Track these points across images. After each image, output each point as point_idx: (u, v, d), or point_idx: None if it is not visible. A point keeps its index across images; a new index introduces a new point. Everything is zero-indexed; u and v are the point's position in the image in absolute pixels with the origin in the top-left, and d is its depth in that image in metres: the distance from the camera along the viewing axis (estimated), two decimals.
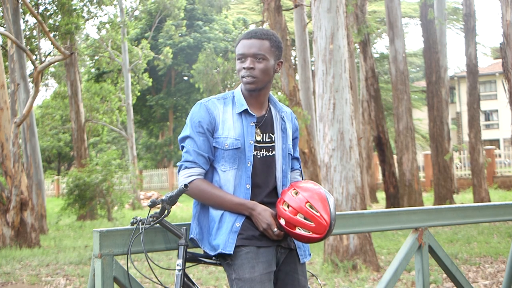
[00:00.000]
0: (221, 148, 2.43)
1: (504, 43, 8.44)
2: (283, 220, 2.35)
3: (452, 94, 39.13)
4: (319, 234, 2.32)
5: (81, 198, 15.78)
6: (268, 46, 2.46)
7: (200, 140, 2.43)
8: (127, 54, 23.61)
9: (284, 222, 2.34)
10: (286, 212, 2.34)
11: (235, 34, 33.09)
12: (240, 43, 2.48)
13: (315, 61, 7.19)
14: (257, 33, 2.47)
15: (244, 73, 2.44)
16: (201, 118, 2.44)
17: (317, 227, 2.31)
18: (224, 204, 2.38)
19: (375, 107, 15.33)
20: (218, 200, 2.38)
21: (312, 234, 2.32)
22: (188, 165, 2.43)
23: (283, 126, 2.57)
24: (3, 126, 10.25)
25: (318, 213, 2.31)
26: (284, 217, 2.34)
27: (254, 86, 2.45)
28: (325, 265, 6.85)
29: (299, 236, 2.34)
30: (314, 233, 2.32)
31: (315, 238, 2.34)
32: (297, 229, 2.33)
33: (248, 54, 2.44)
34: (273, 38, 2.48)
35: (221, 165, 2.44)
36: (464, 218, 3.53)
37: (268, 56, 2.45)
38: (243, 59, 2.46)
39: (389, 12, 14.48)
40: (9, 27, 11.64)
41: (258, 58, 2.44)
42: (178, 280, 2.36)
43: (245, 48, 2.45)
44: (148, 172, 33.71)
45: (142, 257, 7.65)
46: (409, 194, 13.96)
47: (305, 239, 2.35)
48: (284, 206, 2.35)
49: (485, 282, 6.02)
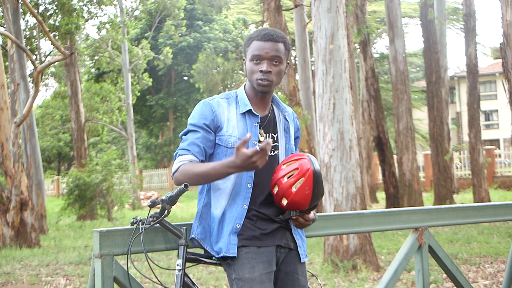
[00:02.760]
0: (225, 146, 2.42)
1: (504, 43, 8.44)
2: (276, 188, 2.38)
3: (452, 94, 39.14)
4: (306, 176, 2.34)
5: (81, 198, 15.78)
6: (283, 49, 2.46)
7: (199, 134, 2.41)
8: (127, 54, 23.62)
9: (277, 190, 2.38)
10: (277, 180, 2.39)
11: (235, 34, 33.10)
12: (256, 44, 2.45)
13: (315, 61, 7.19)
14: (273, 36, 2.44)
15: (261, 76, 2.42)
16: (204, 116, 2.43)
17: (300, 169, 2.35)
18: (209, 175, 2.32)
19: (375, 107, 15.33)
20: (203, 173, 2.32)
21: (302, 183, 2.34)
22: (181, 152, 2.41)
23: (286, 126, 2.57)
24: (3, 126, 10.25)
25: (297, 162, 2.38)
26: (278, 186, 2.38)
27: (268, 89, 2.46)
28: (325, 265, 6.85)
29: (296, 195, 2.34)
30: (302, 177, 2.34)
31: (307, 185, 2.34)
32: (292, 188, 2.34)
33: (265, 57, 2.42)
34: (286, 41, 2.49)
35: None
36: (464, 218, 3.53)
37: (283, 59, 2.46)
38: (258, 61, 2.44)
39: (389, 12, 14.48)
40: (9, 27, 11.64)
41: (275, 61, 2.43)
42: (178, 280, 2.36)
43: (262, 50, 2.43)
44: (148, 172, 33.71)
45: (142, 257, 7.65)
46: (409, 194, 13.96)
47: (301, 193, 2.34)
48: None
49: (485, 282, 6.02)
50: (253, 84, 2.46)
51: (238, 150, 2.20)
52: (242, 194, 2.41)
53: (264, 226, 2.42)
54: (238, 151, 2.20)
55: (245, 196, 2.41)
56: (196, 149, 2.40)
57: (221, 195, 2.43)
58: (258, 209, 2.43)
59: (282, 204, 2.39)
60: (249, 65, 2.46)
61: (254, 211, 2.42)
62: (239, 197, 2.41)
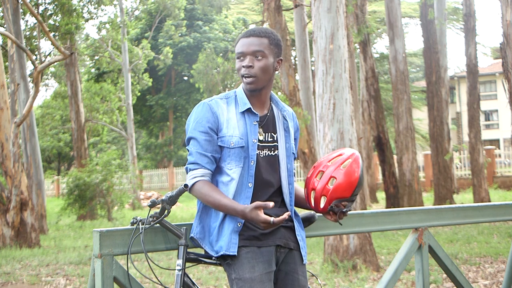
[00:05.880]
0: (227, 147, 2.41)
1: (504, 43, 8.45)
2: (313, 193, 2.43)
3: (452, 94, 39.14)
4: (353, 158, 2.42)
5: (81, 198, 15.78)
6: (267, 43, 2.44)
7: (203, 140, 2.40)
8: (127, 54, 23.61)
9: (314, 195, 2.43)
10: (315, 180, 2.45)
11: (235, 34, 33.11)
12: (240, 42, 2.47)
13: (315, 61, 7.19)
14: (255, 31, 2.46)
15: (244, 72, 2.43)
16: (204, 118, 2.42)
17: (345, 154, 2.45)
18: (220, 208, 2.36)
19: (375, 107, 15.33)
20: (216, 204, 2.36)
21: (350, 162, 2.41)
22: (191, 167, 2.42)
23: (285, 125, 2.56)
24: (3, 126, 10.25)
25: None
26: (316, 187, 2.43)
27: (254, 86, 2.44)
28: (325, 265, 6.85)
29: (346, 175, 2.39)
30: (349, 158, 2.42)
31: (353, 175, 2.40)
32: (341, 167, 2.41)
33: (247, 52, 2.43)
34: (272, 35, 2.47)
35: (227, 164, 2.42)
36: (464, 218, 3.53)
37: (267, 54, 2.44)
38: (242, 58, 2.45)
39: (389, 12, 14.48)
40: (9, 27, 11.64)
41: (257, 56, 2.42)
42: (178, 280, 2.36)
43: (244, 46, 2.44)
44: (148, 172, 33.71)
45: (142, 257, 7.64)
46: (409, 194, 13.95)
47: (350, 172, 2.40)
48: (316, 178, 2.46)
49: (485, 282, 6.02)
50: (243, 82, 2.47)
51: (255, 209, 2.26)
52: (243, 193, 2.41)
53: None
54: (255, 210, 2.26)
55: (246, 195, 2.40)
56: (205, 161, 2.41)
57: None
58: None
59: (325, 190, 2.41)
60: (236, 64, 2.49)
61: None
62: (240, 197, 2.40)
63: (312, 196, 2.44)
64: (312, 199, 2.45)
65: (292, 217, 2.52)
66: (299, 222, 2.56)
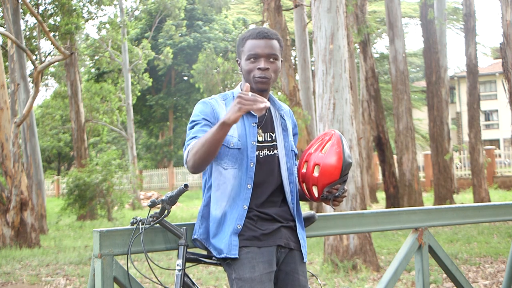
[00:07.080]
0: (226, 146, 2.42)
1: (504, 43, 8.45)
2: (305, 185, 2.45)
3: (452, 94, 39.14)
4: (332, 138, 2.42)
5: (81, 198, 15.78)
6: (278, 46, 2.48)
7: (202, 124, 2.41)
8: (127, 54, 23.62)
9: (306, 186, 2.44)
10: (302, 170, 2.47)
11: (235, 34, 33.10)
12: (252, 43, 2.46)
13: (315, 61, 7.19)
14: (268, 34, 2.47)
15: (259, 74, 2.43)
16: (205, 113, 2.44)
17: (323, 137, 2.45)
18: (212, 141, 2.24)
19: (375, 107, 15.33)
20: (206, 142, 2.25)
21: (330, 144, 2.41)
22: (189, 142, 2.39)
23: (283, 124, 2.56)
24: (3, 126, 10.25)
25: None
26: (305, 177, 2.44)
27: (266, 86, 2.46)
28: (325, 265, 6.85)
29: (328, 156, 2.39)
30: (329, 140, 2.42)
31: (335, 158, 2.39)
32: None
33: (262, 54, 2.44)
34: (280, 38, 2.53)
35: (223, 163, 2.42)
36: (464, 218, 3.53)
37: (279, 56, 2.49)
38: (254, 59, 2.45)
39: (389, 12, 14.48)
40: (9, 27, 11.64)
41: (271, 58, 2.45)
42: (178, 280, 2.36)
43: (258, 48, 2.44)
44: (148, 172, 33.71)
45: (142, 257, 7.65)
46: (409, 194, 13.96)
47: (331, 153, 2.39)
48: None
49: (485, 282, 6.02)
50: (251, 83, 2.46)
51: (232, 106, 2.19)
52: (242, 194, 2.40)
53: (264, 226, 2.42)
54: (232, 106, 2.19)
55: (245, 196, 2.40)
56: (201, 134, 2.37)
57: (221, 196, 2.43)
58: (259, 209, 2.42)
59: (313, 179, 2.41)
60: (245, 64, 2.46)
61: (255, 211, 2.41)
62: (239, 198, 2.40)
63: (305, 188, 2.45)
64: (306, 190, 2.46)
65: (294, 217, 2.52)
66: (301, 223, 2.56)
